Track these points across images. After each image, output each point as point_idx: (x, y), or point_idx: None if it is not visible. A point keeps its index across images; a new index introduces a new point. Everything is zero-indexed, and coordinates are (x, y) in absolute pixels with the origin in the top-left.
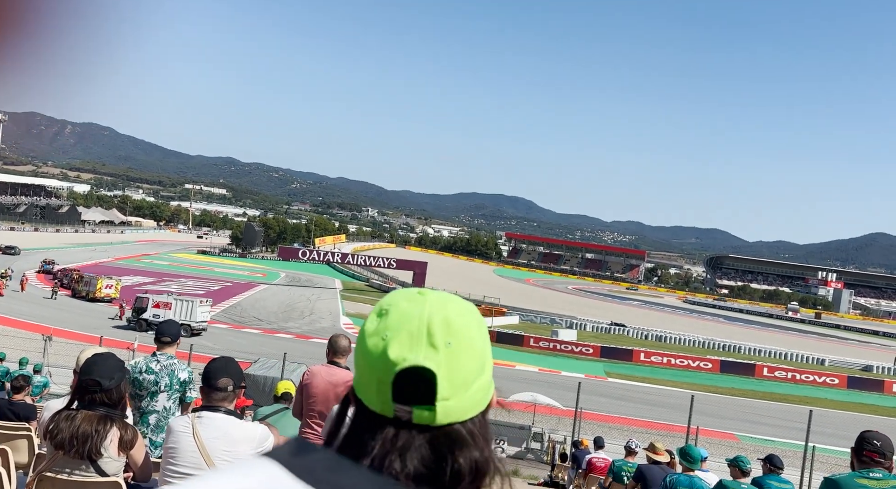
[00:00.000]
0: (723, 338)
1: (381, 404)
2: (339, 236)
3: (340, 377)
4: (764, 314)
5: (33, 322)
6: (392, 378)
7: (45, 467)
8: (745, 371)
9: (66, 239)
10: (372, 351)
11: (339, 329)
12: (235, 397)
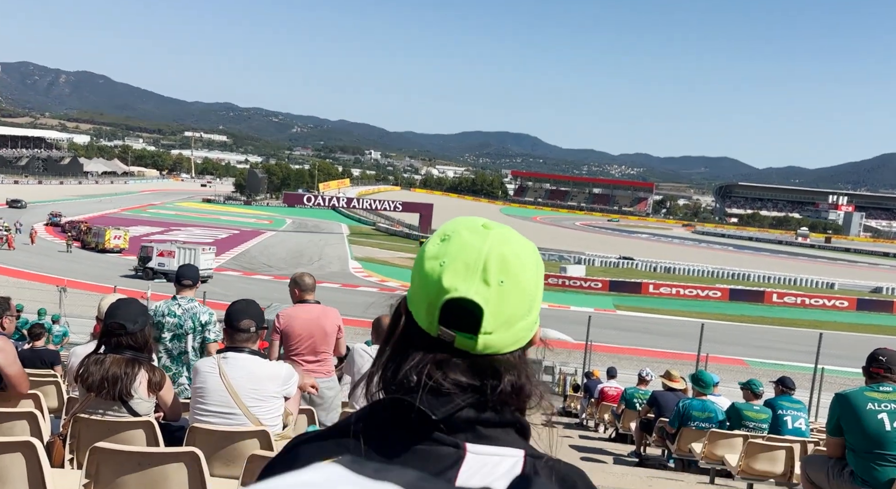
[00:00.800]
0: (732, 266)
1: (427, 323)
2: (344, 181)
3: (319, 311)
4: (773, 241)
5: (46, 274)
6: (441, 303)
7: (79, 409)
8: (754, 298)
9: (70, 191)
10: (428, 273)
11: (350, 273)
12: (258, 338)
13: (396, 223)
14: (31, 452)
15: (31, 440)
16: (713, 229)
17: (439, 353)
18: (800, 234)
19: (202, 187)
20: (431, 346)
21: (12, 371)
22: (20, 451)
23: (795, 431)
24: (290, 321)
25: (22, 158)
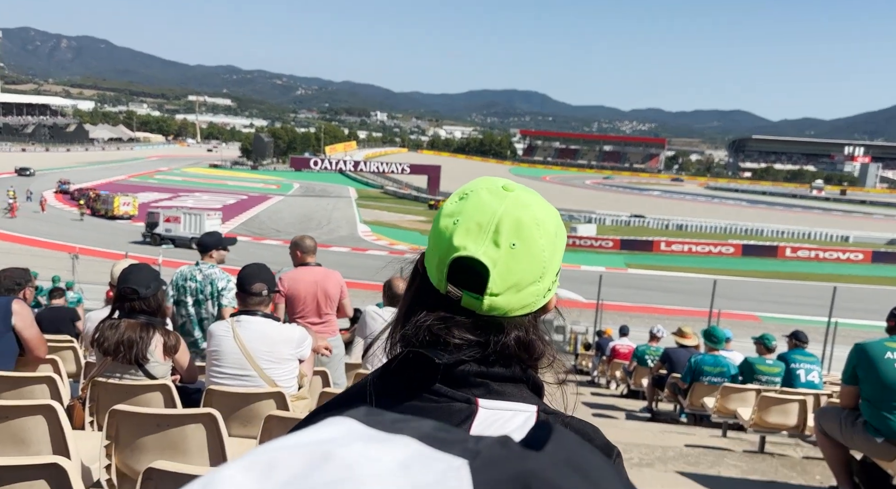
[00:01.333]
0: (745, 221)
1: (437, 279)
2: (350, 143)
3: (321, 274)
4: (787, 195)
5: (58, 241)
6: (449, 261)
7: (96, 372)
8: (767, 253)
9: (77, 158)
10: (441, 230)
11: (359, 237)
12: (270, 301)
13: (404, 186)
14: (51, 415)
15: (51, 403)
16: (726, 184)
17: (447, 311)
18: (814, 186)
19: (208, 152)
20: (440, 303)
21: (29, 334)
22: (41, 414)
23: (808, 384)
24: (294, 284)
25: (28, 126)
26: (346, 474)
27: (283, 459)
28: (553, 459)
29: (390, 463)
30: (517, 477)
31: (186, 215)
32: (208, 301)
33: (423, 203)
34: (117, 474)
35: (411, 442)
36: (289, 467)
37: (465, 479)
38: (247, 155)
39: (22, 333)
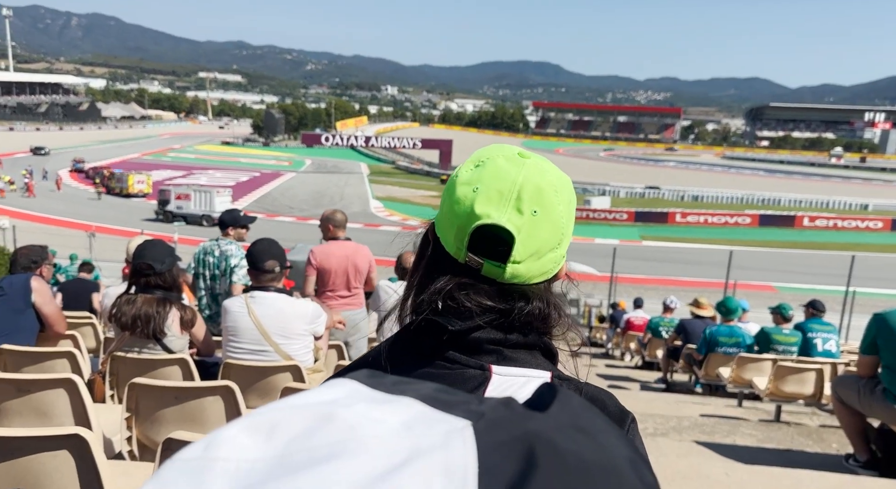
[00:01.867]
0: (762, 191)
1: (455, 249)
2: (361, 118)
3: (352, 248)
4: (805, 163)
5: (73, 220)
6: (472, 229)
7: (115, 347)
8: (784, 223)
9: (90, 136)
10: (460, 198)
11: (371, 213)
12: (283, 276)
13: (416, 161)
14: (72, 388)
15: (72, 377)
16: (743, 153)
17: (465, 278)
18: (833, 154)
19: (220, 129)
20: (456, 272)
21: (48, 310)
22: (63, 387)
23: (826, 353)
24: (327, 258)
25: (41, 105)
26: (349, 435)
27: (286, 420)
28: (557, 421)
29: (393, 424)
30: (521, 438)
31: (197, 193)
32: (223, 277)
33: (435, 178)
34: (138, 445)
35: (414, 403)
36: (291, 427)
37: (469, 441)
38: (258, 131)
39: (41, 309)
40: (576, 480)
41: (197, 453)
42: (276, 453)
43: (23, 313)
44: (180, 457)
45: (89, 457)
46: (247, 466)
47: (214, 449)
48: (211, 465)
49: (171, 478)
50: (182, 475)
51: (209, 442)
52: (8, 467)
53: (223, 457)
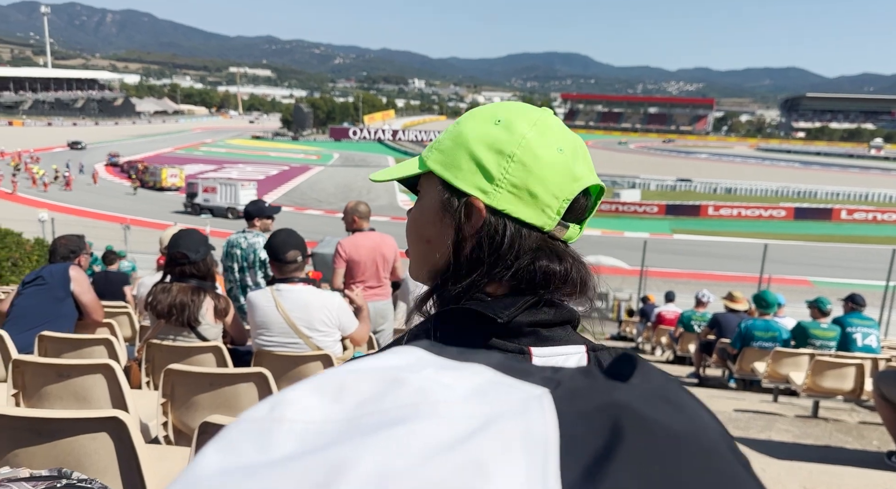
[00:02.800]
0: (798, 183)
1: (540, 216)
2: (388, 112)
3: (378, 238)
4: (843, 155)
5: (108, 212)
6: (575, 193)
7: (150, 335)
8: (821, 216)
9: (125, 131)
10: (550, 162)
11: (398, 206)
12: (304, 265)
13: None
14: (110, 373)
15: (110, 362)
16: (778, 145)
17: (553, 249)
18: (873, 145)
19: (250, 124)
20: (541, 241)
21: (87, 299)
22: (101, 373)
23: (866, 349)
24: (355, 250)
25: (78, 100)
26: (420, 398)
27: (353, 382)
28: (642, 391)
29: (465, 389)
30: (605, 408)
31: (222, 186)
32: (251, 269)
33: None
34: (173, 430)
35: (484, 369)
36: (359, 390)
37: (549, 409)
38: (287, 126)
39: (80, 298)
40: (666, 454)
41: (263, 413)
42: (345, 415)
43: (62, 301)
44: (246, 417)
45: (128, 439)
46: (315, 428)
47: (281, 409)
48: (278, 427)
49: (237, 439)
50: (248, 436)
51: (275, 402)
52: (50, 448)
53: (290, 418)
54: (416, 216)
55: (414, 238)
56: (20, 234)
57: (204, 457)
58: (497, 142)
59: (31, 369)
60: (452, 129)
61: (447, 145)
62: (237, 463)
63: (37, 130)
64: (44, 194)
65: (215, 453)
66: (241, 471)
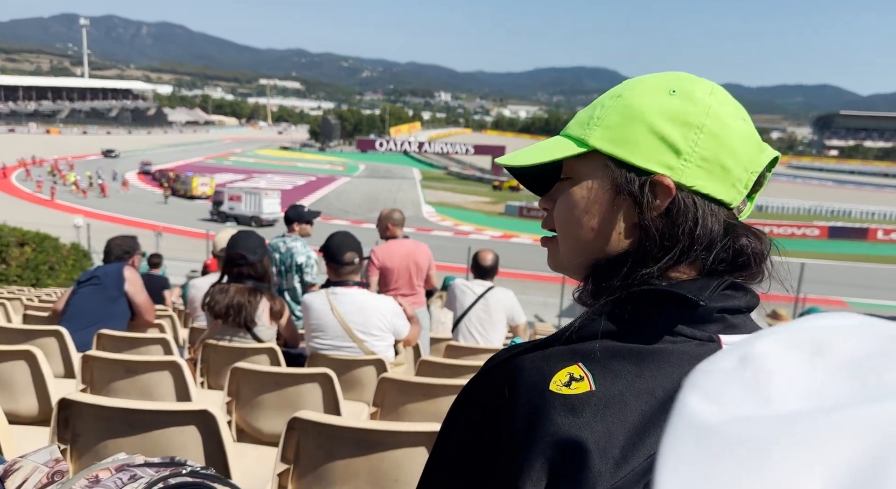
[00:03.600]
0: (831, 202)
1: (730, 191)
2: (414, 124)
3: (412, 246)
4: (879, 174)
5: (141, 219)
6: (761, 166)
7: (207, 335)
8: (856, 235)
9: (157, 140)
10: (739, 131)
11: (423, 218)
12: (360, 268)
13: (468, 166)
14: (177, 371)
15: (177, 360)
16: (810, 163)
17: (738, 224)
18: None
19: (279, 135)
20: (720, 218)
21: (140, 299)
22: (168, 370)
23: None
24: (389, 257)
25: (112, 110)
26: None
27: (832, 338)
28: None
29: None
30: None
31: (247, 194)
32: (289, 273)
33: (486, 184)
34: (237, 431)
35: None
36: (846, 347)
37: None
38: (315, 137)
39: (133, 298)
40: None
41: (732, 364)
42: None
43: (116, 301)
44: (712, 368)
45: (216, 433)
46: (813, 384)
47: (756, 362)
48: (766, 378)
49: (718, 389)
50: (732, 385)
51: (741, 355)
52: (140, 439)
53: (776, 370)
54: (573, 203)
55: (571, 227)
56: (57, 239)
57: (690, 405)
58: (681, 112)
59: (99, 364)
60: (615, 103)
61: (614, 120)
62: (738, 413)
63: (72, 139)
64: (80, 201)
65: (702, 402)
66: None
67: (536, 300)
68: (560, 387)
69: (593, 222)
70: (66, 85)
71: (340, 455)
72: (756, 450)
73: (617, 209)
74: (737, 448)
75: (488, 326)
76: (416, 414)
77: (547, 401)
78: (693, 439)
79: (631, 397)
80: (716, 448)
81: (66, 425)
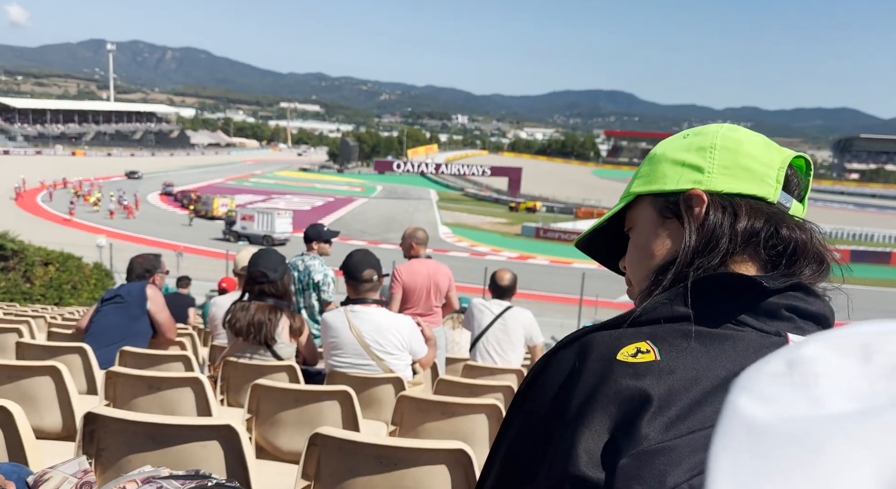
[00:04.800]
0: (852, 226)
1: (762, 186)
2: (432, 146)
3: (434, 266)
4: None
5: (161, 239)
6: (785, 162)
7: (228, 352)
8: (879, 259)
9: (179, 162)
10: (751, 139)
11: (440, 238)
12: (380, 286)
13: (485, 188)
14: (199, 387)
15: (198, 376)
16: (830, 186)
17: (781, 215)
18: None
19: (298, 157)
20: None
21: (162, 317)
22: (190, 386)
23: None
24: (412, 276)
25: (136, 132)
26: None
27: (880, 343)
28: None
29: None
30: None
31: (259, 214)
32: (306, 291)
33: (503, 205)
34: (256, 448)
35: None
36: (892, 351)
37: None
38: (333, 158)
39: (155, 317)
40: None
41: (780, 368)
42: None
43: (138, 319)
44: (760, 371)
45: (238, 448)
46: (862, 386)
47: (805, 366)
48: (814, 381)
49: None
50: (781, 388)
51: (791, 359)
52: (162, 454)
53: (825, 373)
54: (634, 244)
55: (638, 262)
56: (80, 259)
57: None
58: (694, 144)
59: (122, 380)
60: (645, 161)
61: (644, 170)
62: (789, 414)
63: (97, 160)
64: (104, 221)
65: (753, 403)
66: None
67: (554, 322)
68: (627, 356)
69: (651, 249)
70: (91, 108)
71: (361, 472)
72: (807, 447)
73: (666, 231)
74: (788, 445)
75: (506, 346)
76: (434, 433)
77: (614, 367)
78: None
79: (693, 371)
80: (768, 445)
81: (92, 439)
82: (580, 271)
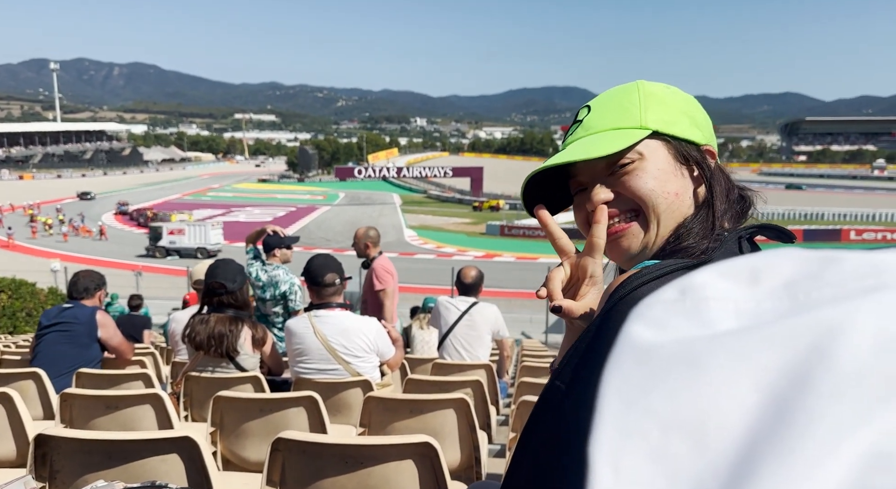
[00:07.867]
0: (804, 206)
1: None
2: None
3: (389, 264)
4: (847, 176)
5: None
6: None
7: (190, 367)
8: (830, 237)
9: (133, 180)
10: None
11: (406, 242)
12: (342, 289)
13: (447, 189)
14: (159, 404)
15: (159, 392)
16: (780, 169)
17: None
18: (876, 166)
19: (256, 168)
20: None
21: (115, 342)
22: (149, 403)
23: None
24: (393, 271)
25: (87, 152)
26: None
27: (767, 265)
28: None
29: None
30: None
31: (191, 227)
32: (269, 301)
33: (466, 205)
34: (222, 461)
35: None
36: (780, 272)
37: None
38: (293, 168)
39: (109, 343)
40: None
41: (673, 296)
42: (777, 295)
43: (89, 347)
44: (654, 300)
45: (199, 459)
46: (748, 306)
47: (696, 291)
48: (705, 305)
49: (662, 317)
50: (674, 314)
51: (683, 286)
52: (120, 472)
53: (714, 297)
54: (650, 177)
55: (656, 196)
56: (34, 285)
57: (634, 332)
58: (689, 102)
59: (78, 402)
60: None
61: (656, 108)
62: (678, 336)
63: (46, 183)
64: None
65: (645, 329)
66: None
67: (523, 317)
68: None
69: (672, 188)
70: (38, 129)
71: (327, 473)
72: (691, 363)
73: (684, 175)
74: (673, 362)
75: (474, 342)
76: (404, 431)
77: None
78: (632, 359)
79: None
80: (654, 363)
81: (45, 462)
82: (546, 266)
